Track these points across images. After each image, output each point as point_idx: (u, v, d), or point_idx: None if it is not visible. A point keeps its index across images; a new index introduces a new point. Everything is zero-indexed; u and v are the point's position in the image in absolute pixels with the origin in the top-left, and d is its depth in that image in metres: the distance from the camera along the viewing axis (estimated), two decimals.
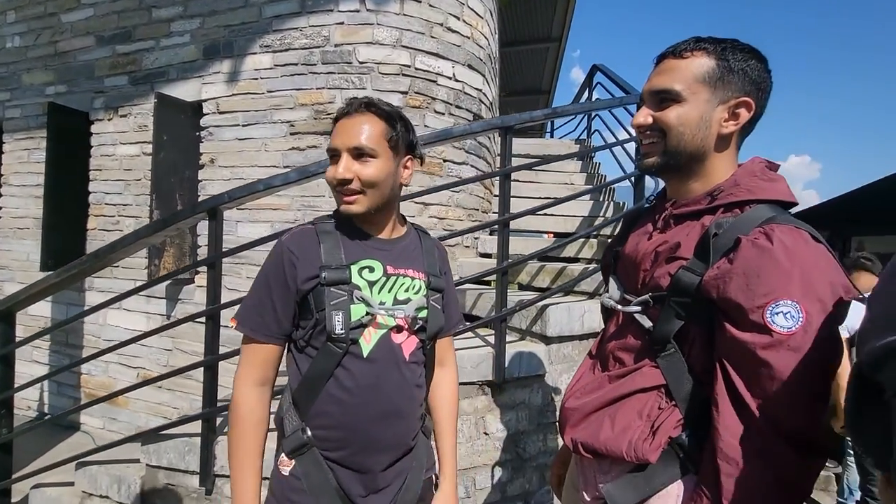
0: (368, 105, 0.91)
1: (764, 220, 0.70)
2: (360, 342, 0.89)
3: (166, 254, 2.81)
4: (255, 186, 1.55)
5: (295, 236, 0.94)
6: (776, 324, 0.63)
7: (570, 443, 0.85)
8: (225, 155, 2.84)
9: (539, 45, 6.86)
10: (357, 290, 0.89)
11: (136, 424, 3.03)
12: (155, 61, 3.03)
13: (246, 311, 0.92)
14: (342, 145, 0.89)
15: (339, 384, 0.88)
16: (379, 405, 0.89)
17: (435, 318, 0.96)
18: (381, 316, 0.90)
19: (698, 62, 0.76)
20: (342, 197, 0.90)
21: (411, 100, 2.71)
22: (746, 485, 0.63)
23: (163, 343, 2.93)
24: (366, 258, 0.93)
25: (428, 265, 0.99)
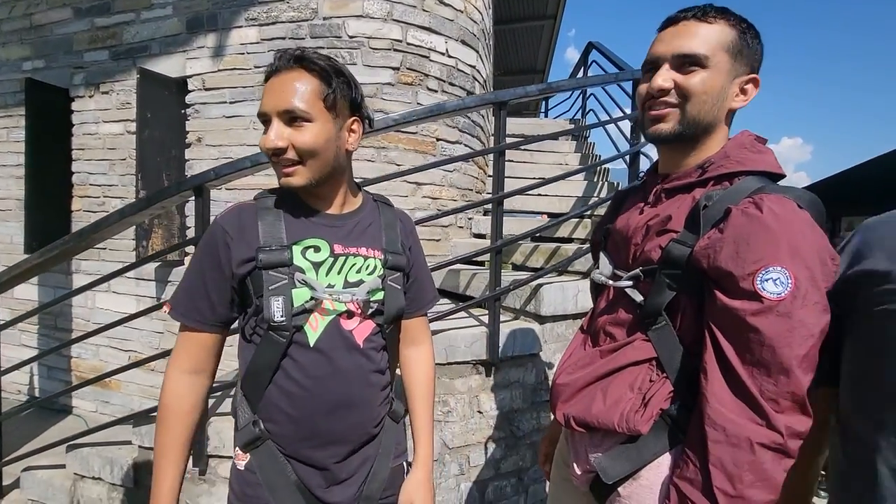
0: (299, 59, 0.78)
1: (753, 190, 0.70)
2: (306, 330, 0.81)
3: (154, 235, 2.76)
4: (243, 163, 1.50)
5: (231, 213, 0.84)
6: (766, 290, 0.63)
7: (562, 417, 0.85)
8: (212, 133, 2.76)
9: (534, 23, 6.73)
10: (299, 273, 0.81)
11: (129, 407, 3.01)
12: (136, 35, 2.91)
13: (179, 295, 0.84)
14: (272, 108, 0.78)
15: (286, 375, 0.81)
16: (330, 396, 0.82)
17: (393, 300, 0.88)
18: (328, 300, 0.82)
19: (723, 29, 0.75)
20: (280, 168, 0.80)
21: (403, 76, 2.65)
22: (734, 451, 0.64)
23: (154, 326, 2.90)
24: (310, 237, 0.84)
25: (387, 241, 0.90)
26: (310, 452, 0.83)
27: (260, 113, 0.80)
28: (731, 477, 0.64)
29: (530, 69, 8.61)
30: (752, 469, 0.63)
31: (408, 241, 0.96)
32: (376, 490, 0.89)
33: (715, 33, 0.74)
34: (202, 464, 1.53)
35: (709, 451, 0.65)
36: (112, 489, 1.65)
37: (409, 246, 0.96)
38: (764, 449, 0.63)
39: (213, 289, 0.82)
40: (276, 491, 0.82)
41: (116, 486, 1.64)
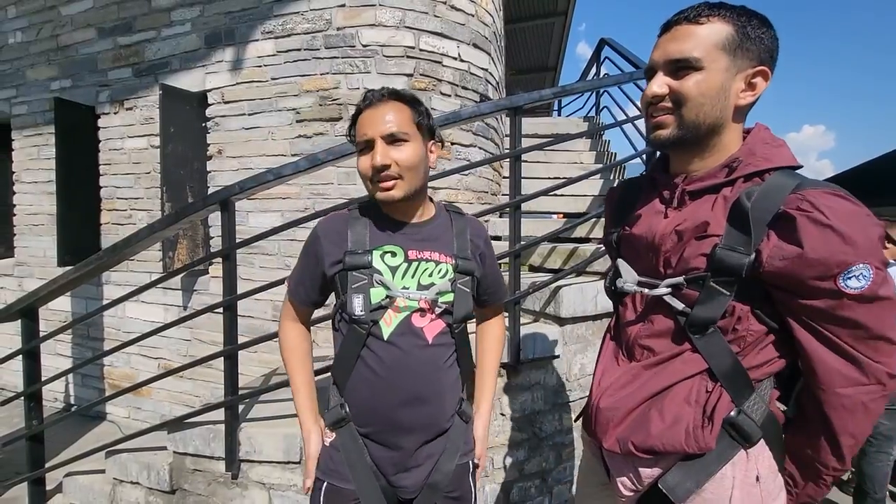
0: (391, 94, 0.93)
1: (793, 187, 0.70)
2: (381, 324, 0.92)
3: (180, 246, 2.84)
4: (266, 177, 1.55)
5: (327, 221, 1.00)
6: (850, 286, 0.66)
7: (616, 443, 0.81)
8: (232, 145, 2.83)
9: (545, 20, 6.69)
10: (377, 275, 0.92)
11: (160, 413, 3.11)
12: (157, 52, 3.01)
13: (292, 276, 1.05)
14: (375, 133, 0.90)
15: (365, 365, 0.93)
16: (402, 386, 0.92)
17: (461, 302, 0.96)
18: (401, 299, 0.92)
19: (716, 28, 0.73)
20: (380, 184, 0.91)
21: (417, 82, 2.67)
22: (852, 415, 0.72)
23: (181, 333, 2.99)
24: (389, 243, 0.95)
25: (457, 248, 0.99)
26: (383, 437, 0.94)
27: (360, 141, 0.92)
28: (854, 435, 0.72)
29: (542, 67, 8.57)
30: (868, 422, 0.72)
31: (478, 247, 1.04)
32: (441, 482, 0.97)
33: (708, 33, 0.73)
34: (235, 468, 1.58)
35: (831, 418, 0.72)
36: (149, 493, 1.71)
37: (481, 251, 1.04)
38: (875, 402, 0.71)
39: (310, 280, 1.00)
40: (354, 468, 0.94)
41: (154, 491, 1.70)
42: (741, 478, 0.75)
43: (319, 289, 1.00)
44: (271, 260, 2.74)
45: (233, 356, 1.59)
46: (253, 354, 2.61)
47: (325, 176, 2.59)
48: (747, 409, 0.75)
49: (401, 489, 0.95)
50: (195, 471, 1.66)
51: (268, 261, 2.75)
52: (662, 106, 0.76)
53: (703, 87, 0.73)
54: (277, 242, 2.67)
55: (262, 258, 2.75)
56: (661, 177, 0.87)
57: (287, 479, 1.57)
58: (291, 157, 2.67)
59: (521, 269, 2.46)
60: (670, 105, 0.76)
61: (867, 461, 2.27)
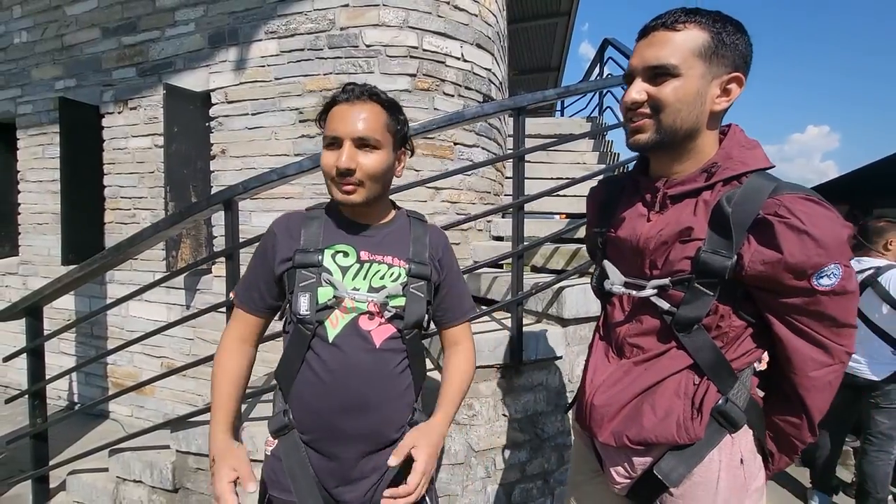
0: (371, 93, 0.89)
1: (770, 191, 0.73)
2: (327, 325, 0.89)
3: (183, 245, 2.85)
4: (269, 176, 1.55)
5: (282, 220, 0.97)
6: (822, 284, 0.72)
7: (611, 436, 0.86)
8: (236, 145, 2.84)
9: (548, 21, 6.69)
10: (326, 274, 0.89)
11: (162, 412, 3.12)
12: (161, 52, 3.01)
13: (239, 286, 1.01)
14: (345, 133, 0.86)
15: (309, 368, 0.90)
16: (345, 391, 0.88)
17: (413, 307, 0.92)
18: (349, 300, 0.89)
19: (692, 35, 0.75)
20: (341, 186, 0.89)
21: (420, 82, 2.68)
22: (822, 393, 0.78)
23: (184, 332, 3.00)
24: (341, 243, 0.93)
25: (413, 252, 0.96)
26: (324, 445, 0.89)
27: (329, 136, 0.89)
28: (822, 410, 0.79)
29: (545, 67, 8.56)
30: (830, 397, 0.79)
31: (437, 254, 1.00)
32: None
33: (684, 40, 0.75)
34: None
35: (805, 399, 0.78)
36: (152, 492, 1.72)
37: (439, 259, 1.00)
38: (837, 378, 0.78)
39: (263, 282, 0.95)
40: (295, 479, 0.89)
41: (157, 489, 1.71)
42: (727, 461, 0.81)
43: (275, 291, 0.95)
44: None
45: None
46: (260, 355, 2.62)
47: None
48: (732, 396, 0.80)
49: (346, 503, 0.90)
50: (198, 469, 1.67)
51: None
52: (641, 112, 0.79)
53: (680, 93, 0.75)
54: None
55: None
56: (642, 179, 0.89)
57: None
58: (294, 156, 2.68)
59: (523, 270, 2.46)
60: (648, 111, 0.78)
61: (868, 460, 2.26)
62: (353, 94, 0.88)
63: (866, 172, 3.79)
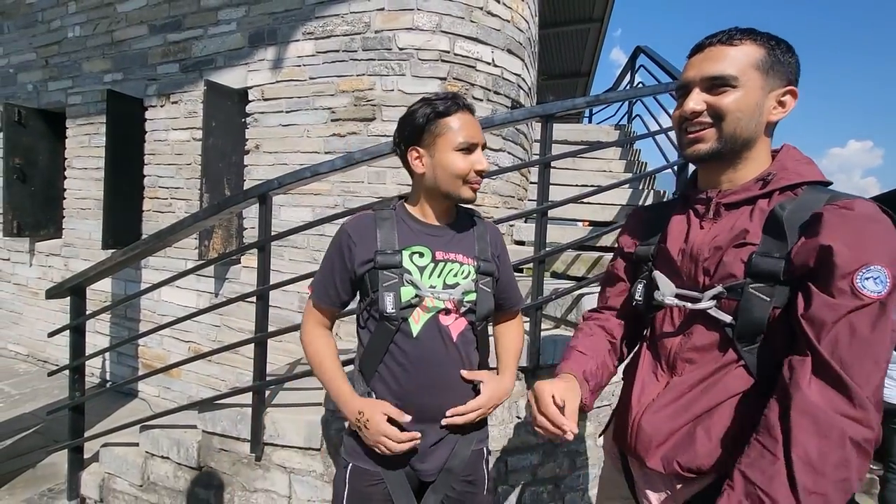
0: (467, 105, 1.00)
1: (829, 197, 0.72)
2: (410, 322, 0.98)
3: (215, 235, 2.97)
4: (303, 173, 1.61)
5: (354, 221, 1.04)
6: (866, 288, 0.63)
7: (661, 462, 0.81)
8: (269, 141, 2.94)
9: (580, 26, 6.64)
10: (407, 274, 0.98)
11: (187, 394, 3.25)
12: (203, 49, 3.14)
13: (316, 282, 1.08)
14: (479, 140, 0.99)
15: (393, 359, 1.00)
16: (427, 380, 1.00)
17: (484, 301, 1.03)
18: (429, 298, 0.98)
19: (750, 49, 0.77)
20: (472, 186, 0.99)
21: (450, 86, 2.72)
22: (823, 441, 0.62)
23: (212, 319, 3.12)
24: (417, 244, 1.00)
25: (479, 250, 1.05)
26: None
27: (467, 143, 0.97)
28: (815, 470, 0.61)
29: (575, 73, 8.49)
30: (839, 465, 0.61)
31: (496, 250, 1.10)
32: (457, 467, 1.04)
33: (742, 54, 0.77)
34: (258, 450, 1.65)
35: (793, 440, 0.63)
36: (178, 468, 1.81)
37: (498, 254, 1.10)
38: (854, 445, 0.61)
39: (339, 280, 1.03)
40: (378, 454, 0.99)
41: (182, 466, 1.79)
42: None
43: (349, 288, 1.05)
44: (300, 253, 2.83)
45: (263, 343, 1.66)
46: (278, 344, 2.70)
47: (357, 175, 2.66)
48: None
49: (421, 472, 1.02)
50: (221, 450, 1.74)
51: (297, 254, 2.84)
52: (700, 121, 0.80)
53: (740, 103, 0.77)
54: (307, 237, 2.76)
55: (292, 251, 2.84)
56: (692, 192, 0.89)
57: (307, 465, 1.63)
58: (325, 154, 2.76)
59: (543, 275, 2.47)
60: (709, 120, 0.79)
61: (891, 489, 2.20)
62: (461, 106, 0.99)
63: None
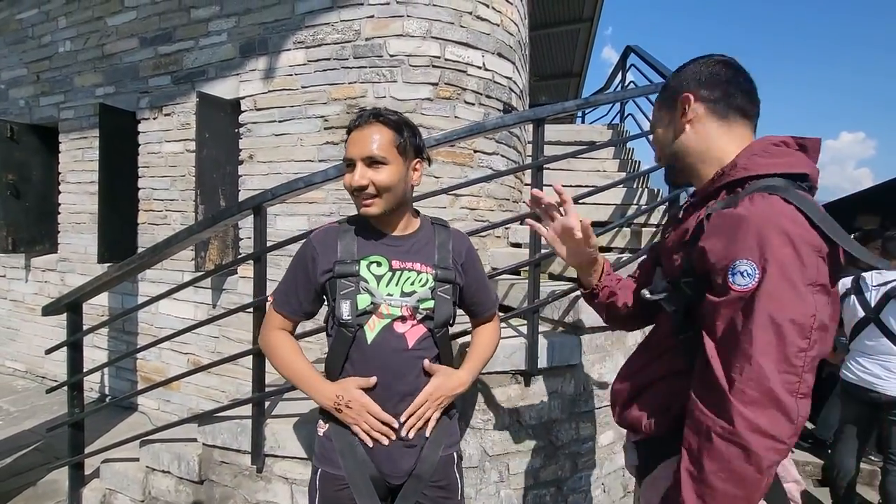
0: (377, 116, 1.01)
1: (750, 192, 0.72)
2: (365, 329, 1.02)
3: (211, 246, 2.96)
4: (296, 184, 1.62)
5: (319, 234, 1.10)
6: (736, 283, 0.67)
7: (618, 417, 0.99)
8: (263, 150, 2.94)
9: (570, 27, 6.68)
10: (363, 282, 1.02)
11: (187, 406, 3.24)
12: (195, 60, 3.15)
13: (277, 290, 1.13)
14: (356, 155, 1.00)
15: (352, 366, 1.04)
16: (384, 387, 1.02)
17: (442, 308, 1.05)
18: (385, 306, 1.01)
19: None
20: (360, 201, 1.02)
21: (441, 91, 2.73)
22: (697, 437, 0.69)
23: (210, 331, 3.11)
24: (375, 254, 1.04)
25: (439, 259, 1.08)
26: None
27: (346, 158, 1.02)
28: (695, 461, 0.69)
29: (566, 73, 8.53)
30: (712, 458, 0.66)
31: (460, 258, 1.12)
32: (426, 472, 1.05)
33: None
34: (259, 462, 1.65)
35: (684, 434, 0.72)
36: (179, 482, 1.80)
37: (462, 262, 1.12)
38: (720, 440, 0.65)
39: (302, 290, 1.08)
40: (344, 457, 1.04)
41: (183, 480, 1.79)
42: None
43: (312, 298, 1.08)
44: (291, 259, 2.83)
45: (261, 354, 1.66)
46: None
47: None
48: None
49: (387, 476, 1.04)
50: (222, 463, 1.74)
51: None
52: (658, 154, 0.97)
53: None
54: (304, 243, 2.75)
55: (288, 260, 2.83)
56: None
57: (308, 475, 1.63)
58: (318, 162, 2.76)
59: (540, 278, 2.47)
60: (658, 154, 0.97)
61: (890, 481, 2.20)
62: (363, 119, 1.01)
63: None
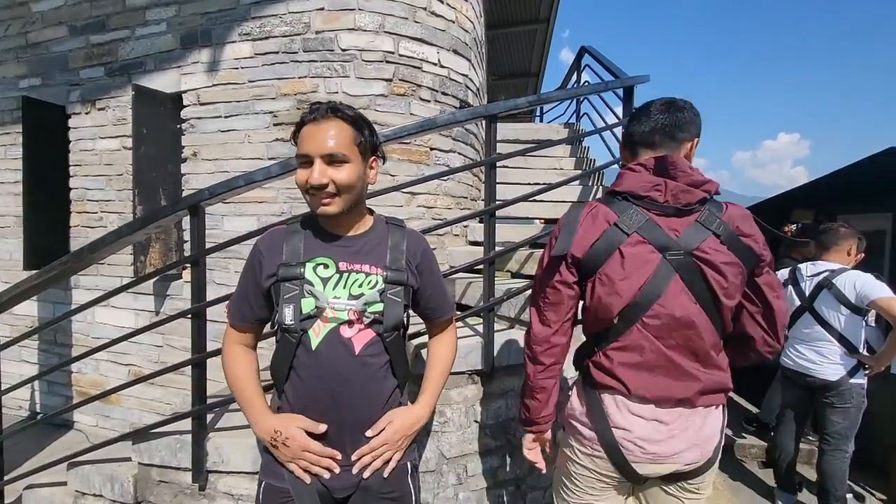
0: (334, 110, 0.95)
1: None
2: (310, 334, 0.96)
3: (152, 250, 2.78)
4: (236, 182, 1.52)
5: (266, 236, 1.04)
6: None
7: None
8: (208, 147, 2.79)
9: (527, 27, 6.75)
10: (308, 286, 0.96)
11: (129, 421, 3.03)
12: (131, 51, 2.94)
13: (231, 301, 1.08)
14: (315, 152, 0.93)
15: (296, 373, 0.98)
16: (330, 394, 0.96)
17: (391, 312, 0.99)
18: (330, 310, 0.96)
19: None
20: (318, 200, 0.95)
21: (396, 87, 2.67)
22: None
23: (153, 339, 2.92)
24: (322, 255, 0.99)
25: (390, 260, 1.03)
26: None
27: (302, 155, 0.95)
28: None
29: (525, 72, 8.63)
30: None
31: (414, 259, 1.06)
32: (375, 484, 1.00)
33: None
34: (202, 479, 1.54)
35: None
36: None
37: (417, 264, 1.07)
38: None
39: (253, 297, 1.03)
40: (288, 468, 0.98)
41: (117, 503, 1.65)
42: None
43: (262, 304, 1.03)
44: None
45: (201, 364, 1.55)
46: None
47: None
48: None
49: (333, 489, 0.99)
50: (161, 482, 1.62)
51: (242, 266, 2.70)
52: None
53: None
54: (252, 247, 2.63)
55: (237, 263, 2.70)
56: None
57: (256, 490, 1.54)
58: (268, 160, 2.64)
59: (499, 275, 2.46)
60: None
61: (826, 460, 2.33)
62: (319, 113, 0.94)
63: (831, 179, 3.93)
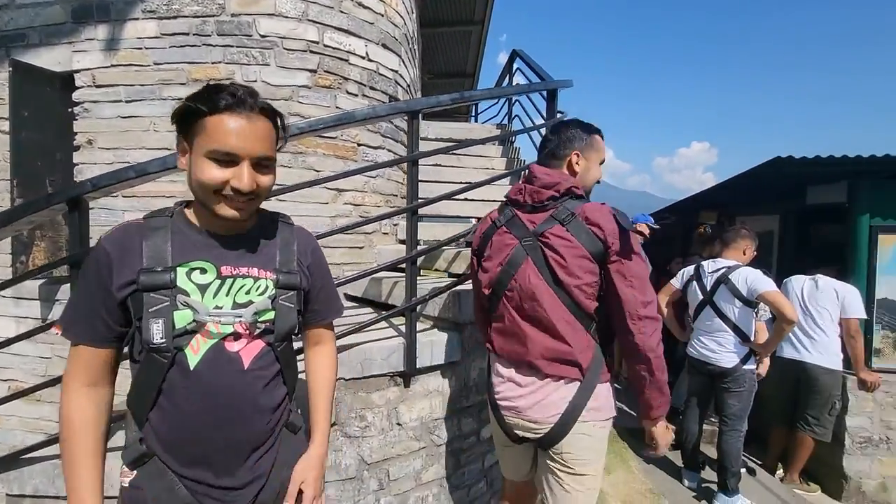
0: (263, 107, 0.82)
1: None
2: (187, 353, 0.81)
3: (36, 249, 2.45)
4: (126, 173, 1.36)
5: (115, 234, 0.83)
6: None
7: None
8: (105, 135, 2.50)
9: (462, 28, 6.81)
10: (182, 295, 0.80)
11: (9, 444, 2.64)
12: (10, 22, 2.57)
13: (69, 315, 0.83)
14: (245, 153, 0.79)
15: (168, 399, 0.82)
16: (215, 417, 0.82)
17: (284, 319, 0.89)
18: (212, 323, 0.81)
19: None
20: (233, 203, 0.81)
21: (321, 79, 2.56)
22: None
23: (40, 351, 2.57)
24: (197, 258, 0.83)
25: (281, 261, 0.91)
26: (195, 472, 0.83)
27: (226, 152, 0.78)
28: None
29: (461, 73, 8.71)
30: None
31: (306, 259, 0.96)
32: (269, 498, 0.89)
33: None
34: None
35: None
36: None
37: (308, 264, 0.96)
38: None
39: (103, 308, 0.81)
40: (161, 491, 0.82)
41: None
42: None
43: (119, 317, 0.82)
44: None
45: None
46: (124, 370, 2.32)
47: None
48: None
49: None
50: None
51: None
52: None
53: None
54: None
55: None
56: None
57: None
58: None
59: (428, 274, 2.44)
60: None
61: (724, 440, 2.57)
62: (247, 105, 0.79)
63: (731, 184, 4.34)
